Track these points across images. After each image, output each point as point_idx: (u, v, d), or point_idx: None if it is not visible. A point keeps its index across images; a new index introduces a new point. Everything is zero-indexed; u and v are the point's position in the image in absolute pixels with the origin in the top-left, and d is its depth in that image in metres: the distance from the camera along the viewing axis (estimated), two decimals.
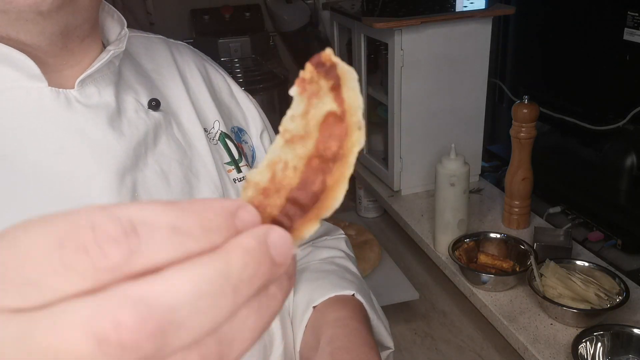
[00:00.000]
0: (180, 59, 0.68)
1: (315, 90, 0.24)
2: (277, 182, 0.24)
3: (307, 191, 0.24)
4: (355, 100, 0.24)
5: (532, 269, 1.02)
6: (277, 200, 0.24)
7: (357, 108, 0.24)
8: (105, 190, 0.52)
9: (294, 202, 0.24)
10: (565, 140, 1.51)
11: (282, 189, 0.24)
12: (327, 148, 0.24)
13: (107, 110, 0.54)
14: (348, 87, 0.24)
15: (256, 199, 0.24)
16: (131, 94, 0.57)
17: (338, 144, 0.24)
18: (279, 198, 0.24)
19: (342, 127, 0.24)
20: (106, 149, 0.52)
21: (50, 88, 0.51)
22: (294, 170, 0.24)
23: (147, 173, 0.55)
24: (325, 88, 0.24)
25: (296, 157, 0.24)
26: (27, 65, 0.49)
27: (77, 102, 0.52)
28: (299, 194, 0.24)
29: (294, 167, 0.24)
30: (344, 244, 0.81)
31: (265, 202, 0.24)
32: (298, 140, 0.24)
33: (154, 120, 0.58)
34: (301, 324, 0.66)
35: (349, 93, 0.24)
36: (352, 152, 0.24)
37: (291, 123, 0.24)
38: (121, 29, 0.58)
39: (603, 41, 1.33)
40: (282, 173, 0.24)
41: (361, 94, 0.24)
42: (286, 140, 0.24)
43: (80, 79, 0.52)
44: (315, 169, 0.24)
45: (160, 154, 0.58)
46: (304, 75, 0.24)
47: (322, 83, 0.24)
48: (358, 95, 0.24)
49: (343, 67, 0.24)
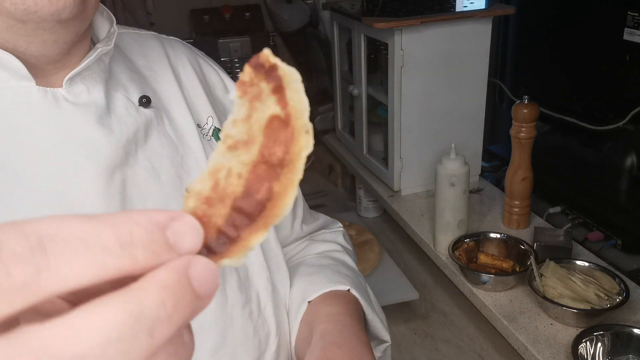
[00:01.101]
0: (173, 55, 0.68)
1: (256, 93, 0.23)
2: (221, 191, 0.23)
3: (252, 199, 0.22)
4: (299, 103, 0.23)
5: (532, 269, 1.02)
6: (222, 209, 0.22)
7: (303, 110, 0.23)
8: (94, 187, 0.52)
9: (240, 211, 0.22)
10: (565, 140, 1.51)
11: (226, 198, 0.22)
12: (272, 154, 0.23)
13: (96, 108, 0.54)
14: (291, 89, 0.23)
15: (200, 209, 0.22)
16: (121, 91, 0.58)
17: (284, 149, 0.23)
18: (224, 207, 0.22)
19: (287, 131, 0.23)
20: (95, 146, 0.53)
21: (38, 87, 0.51)
22: (239, 177, 0.23)
23: (138, 170, 0.56)
24: (267, 90, 0.23)
25: (240, 163, 0.23)
26: (14, 65, 0.49)
27: (65, 100, 0.52)
28: (244, 202, 0.22)
29: (238, 175, 0.23)
30: (341, 237, 0.80)
31: (210, 212, 0.22)
32: (241, 146, 0.23)
33: (144, 117, 0.58)
34: (296, 319, 0.66)
35: (293, 95, 0.23)
36: (299, 157, 0.23)
37: (233, 128, 0.23)
38: (110, 26, 0.58)
39: (603, 41, 1.33)
40: (225, 181, 0.23)
41: (305, 96, 0.23)
42: (229, 147, 0.23)
43: (68, 77, 0.52)
44: (261, 176, 0.23)
45: (151, 150, 0.58)
46: (242, 78, 0.23)
47: (262, 85, 0.23)
48: (302, 97, 0.23)
49: (284, 68, 0.23)
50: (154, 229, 0.20)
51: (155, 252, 0.20)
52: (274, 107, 0.23)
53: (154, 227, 0.20)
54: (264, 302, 0.64)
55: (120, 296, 0.18)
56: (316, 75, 1.99)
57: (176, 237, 0.20)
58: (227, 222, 0.22)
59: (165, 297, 0.19)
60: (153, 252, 0.19)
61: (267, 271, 0.65)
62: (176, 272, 0.19)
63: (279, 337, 0.65)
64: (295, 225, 0.78)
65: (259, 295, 0.64)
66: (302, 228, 0.79)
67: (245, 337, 0.61)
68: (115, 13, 1.79)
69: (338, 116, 1.76)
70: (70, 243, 0.18)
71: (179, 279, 0.19)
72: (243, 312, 0.61)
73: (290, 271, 0.71)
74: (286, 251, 0.75)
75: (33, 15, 0.45)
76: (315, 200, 1.79)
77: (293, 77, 0.23)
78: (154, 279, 0.19)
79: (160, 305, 0.19)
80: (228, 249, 0.22)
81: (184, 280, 0.19)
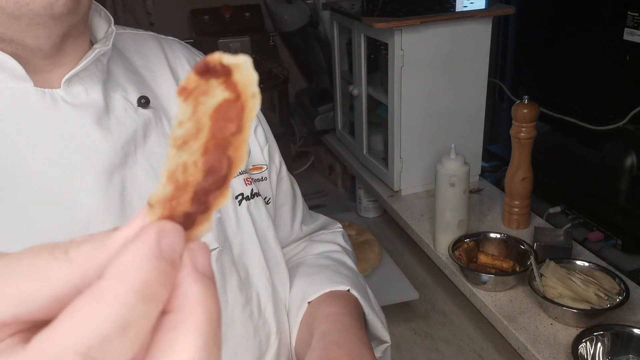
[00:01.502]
0: (172, 55, 0.68)
1: (204, 89, 0.22)
2: (182, 184, 0.22)
3: (216, 175, 0.22)
4: (247, 77, 0.22)
5: (532, 269, 1.02)
6: (186, 195, 0.22)
7: (251, 82, 0.22)
8: (93, 189, 0.52)
9: (205, 191, 0.22)
10: (565, 140, 1.51)
11: (188, 186, 0.22)
12: (224, 130, 0.22)
13: (94, 109, 0.54)
14: (239, 72, 0.22)
15: (165, 210, 0.22)
16: (120, 91, 0.57)
17: (237, 122, 0.22)
18: (187, 193, 0.22)
19: (237, 105, 0.22)
20: (93, 147, 0.52)
21: (36, 88, 0.51)
22: (195, 165, 0.22)
23: (137, 171, 0.55)
24: (215, 84, 0.22)
25: (193, 153, 0.22)
26: (11, 66, 0.49)
27: (64, 101, 0.52)
28: (207, 181, 0.22)
29: (194, 163, 0.22)
30: (340, 238, 0.81)
31: (174, 205, 0.22)
32: (191, 139, 0.22)
33: (143, 118, 0.58)
34: (296, 319, 0.66)
35: (240, 75, 0.22)
36: (249, 119, 0.22)
37: (179, 129, 0.22)
38: (108, 26, 0.58)
39: (603, 41, 1.33)
40: (183, 176, 0.22)
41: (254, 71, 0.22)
42: (178, 147, 0.22)
43: (66, 78, 0.52)
44: (215, 151, 0.22)
45: (150, 151, 0.57)
46: (186, 85, 0.22)
47: (212, 82, 0.22)
48: (251, 72, 0.22)
49: (232, 60, 0.22)
50: (164, 264, 0.21)
51: (171, 282, 0.21)
52: (223, 93, 0.22)
53: (164, 262, 0.21)
54: (264, 302, 0.64)
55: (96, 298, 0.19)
56: (316, 75, 1.99)
57: (172, 254, 0.21)
58: (193, 203, 0.22)
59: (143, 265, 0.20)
60: (169, 285, 0.21)
61: (267, 271, 0.65)
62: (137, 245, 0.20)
63: (279, 337, 0.65)
64: (295, 225, 0.78)
65: (259, 295, 0.64)
66: (302, 229, 0.79)
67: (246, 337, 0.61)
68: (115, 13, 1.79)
69: (338, 116, 1.76)
70: None
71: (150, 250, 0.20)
72: (243, 312, 0.61)
73: (290, 272, 0.71)
74: (286, 252, 0.75)
75: (25, 9, 0.45)
76: (315, 200, 1.79)
77: (242, 63, 0.22)
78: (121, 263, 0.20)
79: None
80: (200, 219, 0.23)
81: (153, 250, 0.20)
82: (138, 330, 0.19)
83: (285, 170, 0.75)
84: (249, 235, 0.64)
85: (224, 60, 0.22)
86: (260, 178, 0.69)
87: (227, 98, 0.22)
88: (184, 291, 0.21)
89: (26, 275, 0.20)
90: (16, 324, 0.20)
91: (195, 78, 0.22)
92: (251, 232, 0.64)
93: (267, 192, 0.70)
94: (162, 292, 0.20)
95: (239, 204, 0.64)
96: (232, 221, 0.63)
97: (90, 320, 0.18)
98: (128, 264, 0.20)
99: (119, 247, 0.21)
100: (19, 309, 0.20)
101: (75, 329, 0.18)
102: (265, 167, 0.70)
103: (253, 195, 0.65)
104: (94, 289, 0.19)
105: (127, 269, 0.20)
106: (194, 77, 0.22)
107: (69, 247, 0.21)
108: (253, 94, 0.22)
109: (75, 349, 0.18)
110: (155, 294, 0.20)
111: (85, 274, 0.20)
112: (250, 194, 0.65)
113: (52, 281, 0.20)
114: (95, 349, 0.18)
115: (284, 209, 0.75)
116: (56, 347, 0.18)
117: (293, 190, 0.77)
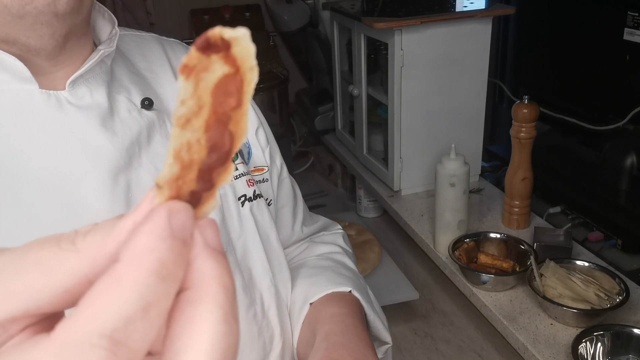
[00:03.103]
0: (174, 57, 0.68)
1: (205, 65, 0.22)
2: (188, 164, 0.23)
3: (219, 152, 0.23)
4: (246, 50, 0.22)
5: (532, 269, 1.02)
6: (191, 174, 0.23)
7: (249, 55, 0.22)
8: (98, 190, 0.52)
9: (209, 167, 0.23)
10: (565, 140, 1.51)
11: (193, 164, 0.23)
12: (225, 105, 0.22)
13: (99, 110, 0.54)
14: (237, 44, 0.22)
15: (173, 190, 0.23)
16: (124, 93, 0.57)
17: (236, 97, 0.22)
18: (192, 172, 0.23)
19: (236, 79, 0.22)
20: (98, 149, 0.52)
21: (41, 90, 0.51)
22: (199, 143, 0.23)
23: (142, 172, 0.55)
24: (215, 59, 0.22)
25: (195, 131, 0.23)
26: (17, 67, 0.49)
27: (69, 103, 0.52)
28: (211, 158, 0.23)
29: (197, 141, 0.23)
30: (341, 240, 0.81)
31: (180, 184, 0.23)
32: (193, 117, 0.22)
33: (147, 120, 0.58)
34: (298, 321, 0.67)
35: (239, 48, 0.22)
36: (248, 92, 0.22)
37: (182, 107, 0.23)
38: (112, 28, 0.58)
39: (603, 41, 1.33)
40: (188, 154, 0.23)
41: (251, 43, 0.22)
42: (181, 125, 0.23)
43: (70, 79, 0.52)
44: (216, 127, 0.22)
45: (154, 153, 0.58)
46: (188, 62, 0.22)
47: (213, 57, 0.22)
48: (249, 45, 0.22)
49: (232, 34, 0.22)
50: (178, 244, 0.21)
51: (185, 260, 0.21)
52: (222, 68, 0.22)
53: (177, 242, 0.21)
54: (267, 303, 0.64)
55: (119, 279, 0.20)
56: (316, 75, 1.99)
57: (184, 233, 0.21)
58: (198, 181, 0.23)
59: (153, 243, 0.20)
60: (184, 263, 0.21)
61: (270, 273, 0.66)
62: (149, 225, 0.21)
63: (283, 338, 0.65)
64: (296, 227, 0.78)
65: (262, 296, 0.64)
66: (303, 230, 0.79)
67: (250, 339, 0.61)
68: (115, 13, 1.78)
69: (338, 116, 1.76)
70: None
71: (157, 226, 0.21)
72: (247, 314, 0.61)
73: (292, 273, 0.71)
74: (287, 253, 0.75)
75: (29, 7, 0.45)
76: (315, 200, 1.79)
77: (240, 36, 0.22)
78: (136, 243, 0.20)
79: None
80: (204, 201, 0.23)
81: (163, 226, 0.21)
82: (159, 310, 0.20)
83: (286, 172, 0.75)
84: (252, 237, 0.64)
85: (224, 34, 0.22)
86: (262, 179, 0.69)
87: (226, 73, 0.22)
88: (198, 268, 0.21)
89: (34, 269, 0.20)
90: (25, 318, 0.20)
91: (197, 54, 0.22)
92: (254, 234, 0.64)
93: (268, 193, 0.70)
94: (178, 271, 0.21)
95: (242, 206, 0.64)
96: (235, 223, 0.63)
97: (112, 303, 0.19)
98: (143, 246, 0.20)
99: (128, 233, 0.21)
100: (29, 304, 0.20)
101: (98, 313, 0.19)
102: (266, 168, 0.70)
103: (255, 196, 0.65)
104: (111, 273, 0.20)
105: (142, 251, 0.20)
106: (195, 53, 0.22)
107: (75, 237, 0.21)
108: (251, 66, 0.22)
109: (100, 332, 0.18)
110: (172, 273, 0.20)
111: (95, 263, 0.21)
112: (253, 195, 0.65)
113: (61, 273, 0.20)
114: (119, 331, 0.18)
115: (285, 210, 0.75)
116: (81, 332, 0.18)
117: (294, 191, 0.77)
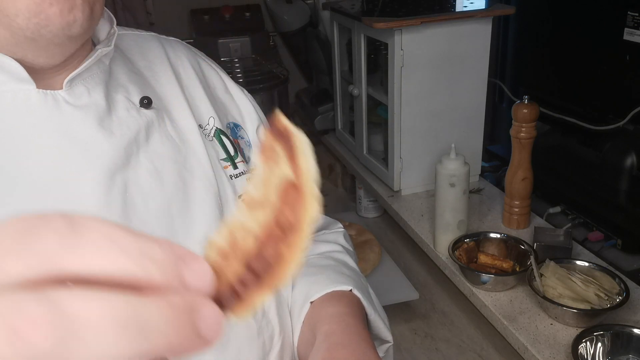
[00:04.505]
0: (174, 55, 0.68)
1: (272, 155, 0.24)
2: (237, 248, 0.24)
3: (262, 259, 0.24)
4: (310, 170, 0.24)
5: (532, 269, 1.02)
6: (235, 265, 0.24)
7: (312, 178, 0.24)
8: (95, 190, 0.51)
9: (251, 270, 0.24)
10: (565, 140, 1.51)
11: (240, 255, 0.24)
12: (284, 217, 0.24)
13: (96, 109, 0.54)
14: (303, 154, 0.24)
15: (215, 261, 0.24)
16: (122, 92, 0.57)
17: (295, 214, 0.24)
18: (237, 264, 0.24)
19: (298, 196, 0.24)
20: (95, 149, 0.52)
21: (38, 90, 0.51)
22: (254, 237, 0.24)
23: (140, 172, 0.55)
24: (281, 154, 0.24)
25: (256, 224, 0.24)
26: (14, 68, 0.49)
27: (66, 102, 0.52)
28: (256, 261, 0.24)
29: (254, 235, 0.24)
30: (342, 238, 0.80)
31: (224, 265, 0.24)
32: (258, 206, 0.24)
33: (145, 119, 0.58)
34: (299, 320, 0.66)
35: (304, 161, 0.24)
36: (308, 223, 0.24)
37: (252, 187, 0.25)
38: (110, 27, 0.58)
39: (603, 41, 1.33)
40: (241, 239, 0.24)
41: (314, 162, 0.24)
42: (247, 205, 0.24)
43: (68, 79, 0.52)
44: (273, 238, 0.24)
45: (152, 152, 0.57)
46: (265, 145, 0.24)
47: (277, 148, 0.24)
48: (312, 163, 0.24)
49: (294, 131, 0.24)
50: (173, 256, 0.21)
51: (167, 276, 0.20)
52: (288, 171, 0.24)
53: (173, 255, 0.21)
54: (267, 302, 0.64)
55: None
56: (316, 75, 1.99)
57: (189, 273, 0.21)
58: (238, 279, 0.23)
59: (169, 314, 0.20)
60: (165, 274, 0.20)
61: None
62: (185, 300, 0.20)
63: (282, 337, 0.65)
64: None
65: None
66: None
67: (250, 337, 0.61)
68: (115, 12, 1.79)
69: (338, 116, 1.76)
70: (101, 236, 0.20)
71: (185, 305, 0.20)
72: None
73: None
74: None
75: (45, 30, 0.45)
76: None
77: (304, 142, 0.24)
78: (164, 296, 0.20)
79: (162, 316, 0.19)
80: (235, 305, 0.23)
81: (189, 309, 0.20)
82: None
83: None
84: None
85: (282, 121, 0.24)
86: None
87: (291, 180, 0.24)
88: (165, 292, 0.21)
89: None
90: None
91: (271, 138, 0.24)
92: None
93: None
94: None
95: None
96: None
97: None
98: None
99: None
100: None
101: None
102: None
103: None
104: None
105: None
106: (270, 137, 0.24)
107: None
108: (314, 195, 0.24)
109: None
110: None
111: None
112: None
113: None
114: None
115: None
116: None
117: None
